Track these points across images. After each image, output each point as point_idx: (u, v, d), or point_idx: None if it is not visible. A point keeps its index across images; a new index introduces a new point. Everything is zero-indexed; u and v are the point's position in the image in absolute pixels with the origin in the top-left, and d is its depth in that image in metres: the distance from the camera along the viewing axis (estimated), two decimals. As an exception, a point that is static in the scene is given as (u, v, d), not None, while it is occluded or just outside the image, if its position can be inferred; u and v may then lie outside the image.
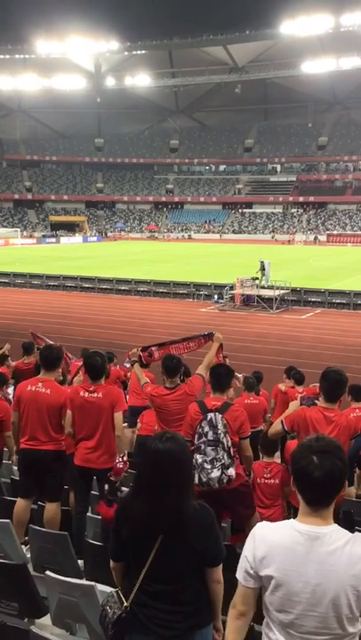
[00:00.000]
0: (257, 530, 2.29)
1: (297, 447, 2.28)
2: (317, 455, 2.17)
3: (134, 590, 2.58)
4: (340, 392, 4.58)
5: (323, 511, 2.20)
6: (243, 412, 4.77)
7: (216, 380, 4.87)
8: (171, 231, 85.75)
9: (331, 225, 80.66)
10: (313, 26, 73.74)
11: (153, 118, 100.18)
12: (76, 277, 33.72)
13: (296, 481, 2.22)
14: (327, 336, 21.36)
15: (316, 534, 2.15)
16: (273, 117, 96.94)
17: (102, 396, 5.18)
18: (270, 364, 14.79)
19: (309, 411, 4.55)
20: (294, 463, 2.23)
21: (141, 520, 2.56)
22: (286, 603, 2.16)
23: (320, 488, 2.17)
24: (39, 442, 5.28)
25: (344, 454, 2.24)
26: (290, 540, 2.17)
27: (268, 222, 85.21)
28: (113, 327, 22.52)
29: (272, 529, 2.26)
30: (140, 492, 2.62)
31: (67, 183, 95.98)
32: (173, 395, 5.45)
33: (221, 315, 26.05)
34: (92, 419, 5.19)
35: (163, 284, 31.20)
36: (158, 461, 2.56)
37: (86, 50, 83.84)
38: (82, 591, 3.50)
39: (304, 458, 2.19)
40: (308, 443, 2.24)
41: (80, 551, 4.46)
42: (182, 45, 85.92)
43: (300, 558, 2.14)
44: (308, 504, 2.21)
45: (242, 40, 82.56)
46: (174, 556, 2.54)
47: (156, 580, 2.55)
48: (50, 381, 5.39)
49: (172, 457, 2.55)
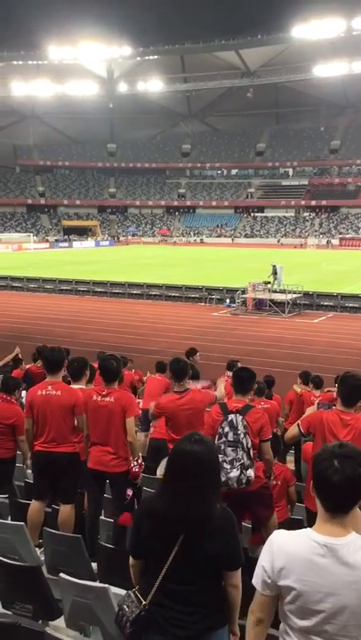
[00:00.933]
0: (274, 539, 2.27)
1: (319, 451, 2.26)
2: (339, 459, 2.15)
3: (153, 589, 2.59)
4: (358, 397, 4.55)
5: (341, 518, 2.17)
6: (264, 415, 4.82)
7: (239, 383, 4.92)
8: (183, 235, 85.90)
9: (343, 229, 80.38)
10: (325, 30, 73.69)
11: (165, 123, 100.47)
12: (89, 282, 33.85)
13: (315, 485, 2.21)
14: (340, 340, 21.28)
15: (334, 545, 2.14)
16: (285, 121, 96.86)
17: (114, 400, 5.19)
18: (283, 369, 14.76)
19: (326, 413, 4.56)
20: (315, 466, 2.21)
21: (164, 520, 2.57)
22: (306, 612, 2.16)
23: (339, 493, 2.15)
24: (54, 444, 5.31)
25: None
26: (309, 551, 2.16)
27: (280, 226, 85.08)
28: (125, 331, 22.58)
29: (290, 539, 2.24)
30: (165, 492, 2.63)
31: (79, 188, 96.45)
32: (183, 399, 5.45)
33: (233, 319, 26.04)
34: (104, 423, 5.20)
35: (175, 288, 31.25)
36: (185, 462, 2.58)
37: (99, 56, 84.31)
38: (95, 593, 3.52)
39: (325, 461, 2.17)
40: (331, 448, 2.23)
41: (93, 554, 4.48)
42: (194, 50, 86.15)
43: (319, 570, 2.13)
44: (326, 510, 2.19)
45: (254, 44, 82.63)
46: (194, 557, 2.54)
47: (174, 580, 2.56)
48: (59, 383, 5.42)
49: (199, 459, 2.57)
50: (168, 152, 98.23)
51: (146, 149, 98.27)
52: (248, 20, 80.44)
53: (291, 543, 2.22)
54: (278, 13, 75.57)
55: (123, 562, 4.32)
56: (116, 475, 5.20)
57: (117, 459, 5.20)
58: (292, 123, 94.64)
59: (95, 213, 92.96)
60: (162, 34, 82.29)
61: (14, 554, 4.47)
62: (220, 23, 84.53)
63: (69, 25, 75.96)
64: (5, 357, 11.09)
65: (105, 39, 79.89)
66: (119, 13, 79.16)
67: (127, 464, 5.21)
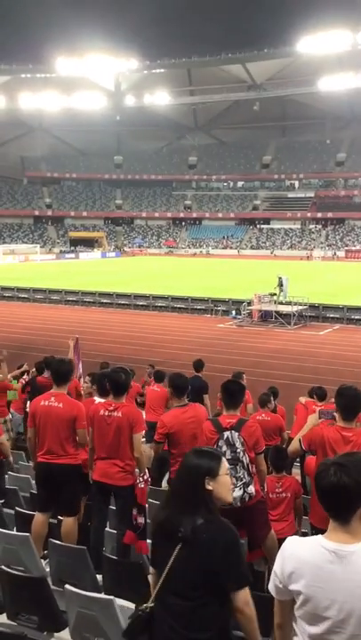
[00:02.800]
0: (286, 545, 2.31)
1: (325, 459, 2.35)
2: (334, 467, 2.21)
3: (152, 598, 2.61)
4: (357, 409, 4.47)
5: (348, 526, 2.20)
6: (258, 428, 4.75)
7: (229, 397, 4.78)
8: (189, 247, 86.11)
9: (349, 241, 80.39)
10: (331, 43, 74.13)
11: (171, 135, 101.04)
12: (95, 293, 33.96)
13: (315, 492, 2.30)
14: (346, 352, 21.24)
15: (343, 552, 2.16)
16: (291, 134, 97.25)
17: (121, 415, 5.18)
18: (288, 380, 14.75)
19: (327, 430, 4.49)
20: (315, 474, 2.30)
21: (165, 529, 2.60)
22: (315, 618, 2.18)
23: (328, 498, 2.21)
24: (54, 456, 5.33)
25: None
26: (318, 558, 2.19)
27: (286, 238, 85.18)
28: (130, 342, 22.61)
29: (301, 545, 2.28)
30: (168, 502, 2.67)
31: (86, 200, 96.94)
32: (187, 413, 5.38)
33: (239, 330, 26.04)
34: (112, 437, 5.21)
35: (180, 299, 31.29)
36: (188, 475, 2.62)
37: (106, 69, 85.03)
38: (100, 605, 3.52)
39: (323, 468, 2.25)
40: (337, 457, 2.34)
41: (98, 566, 4.48)
42: (201, 64, 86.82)
43: (327, 576, 2.15)
44: (330, 517, 2.24)
45: (260, 58, 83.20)
46: (189, 570, 2.51)
47: (172, 592, 2.54)
48: (62, 395, 5.44)
49: (202, 471, 2.59)
50: (174, 164, 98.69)
51: (152, 161, 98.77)
52: (254, 34, 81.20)
53: (301, 549, 2.26)
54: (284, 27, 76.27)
55: (128, 574, 4.34)
56: (122, 488, 5.19)
57: (123, 472, 5.20)
58: (299, 135, 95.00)
59: (101, 225, 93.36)
60: (169, 47, 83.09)
61: (20, 565, 4.48)
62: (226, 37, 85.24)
63: (77, 38, 76.74)
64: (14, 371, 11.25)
65: (112, 52, 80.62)
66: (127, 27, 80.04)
67: (133, 478, 5.20)
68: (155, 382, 9.97)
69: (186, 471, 2.65)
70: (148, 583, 4.26)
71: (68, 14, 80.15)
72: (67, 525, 5.23)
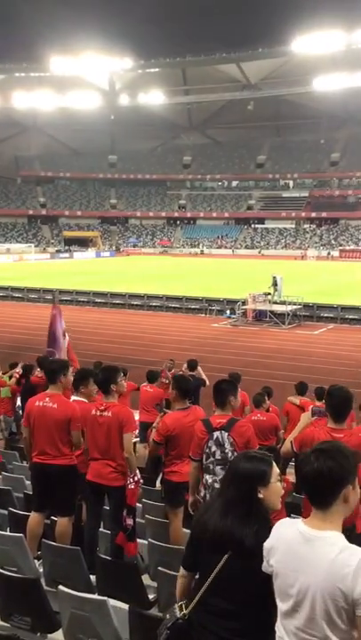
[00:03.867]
0: (277, 523, 2.41)
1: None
2: (315, 453, 2.27)
3: (194, 602, 2.56)
4: (347, 410, 4.43)
5: (325, 513, 2.24)
6: (249, 428, 4.71)
7: (219, 397, 4.76)
8: (183, 246, 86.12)
9: (343, 240, 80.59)
10: (325, 43, 74.25)
11: (166, 135, 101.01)
12: (89, 292, 33.90)
13: None
14: (340, 352, 21.28)
15: (311, 536, 2.22)
16: (285, 134, 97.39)
17: (112, 415, 5.17)
18: (282, 380, 14.75)
19: (318, 432, 4.48)
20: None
21: (213, 534, 2.54)
22: (282, 594, 2.27)
23: (307, 484, 2.28)
24: (48, 456, 5.32)
25: (345, 458, 2.26)
26: (290, 537, 2.27)
27: (280, 238, 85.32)
28: (125, 342, 22.59)
29: (284, 524, 2.38)
30: (223, 511, 2.59)
31: (80, 199, 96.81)
32: (188, 417, 5.37)
33: (234, 330, 26.04)
34: (103, 438, 5.20)
35: (175, 299, 31.27)
36: (241, 481, 2.57)
37: (100, 68, 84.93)
38: (94, 606, 3.51)
39: (306, 455, 2.31)
40: (320, 444, 2.39)
41: (92, 566, 4.47)
42: (195, 63, 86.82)
43: (294, 555, 2.23)
44: (311, 504, 2.30)
45: (255, 58, 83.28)
46: (237, 577, 2.48)
47: (217, 596, 2.50)
48: (57, 396, 5.42)
49: (254, 478, 2.56)
50: (169, 164, 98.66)
51: (147, 161, 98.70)
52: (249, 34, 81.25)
53: (283, 528, 2.35)
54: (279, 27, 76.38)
55: (121, 574, 4.33)
56: (115, 488, 5.17)
57: (116, 472, 5.19)
58: (293, 135, 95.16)
59: (96, 224, 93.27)
60: (163, 46, 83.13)
61: (13, 566, 4.46)
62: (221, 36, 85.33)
63: (71, 37, 76.70)
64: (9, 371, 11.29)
65: (107, 52, 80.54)
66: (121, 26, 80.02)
67: (126, 478, 5.18)
68: (147, 382, 9.96)
69: (239, 478, 2.58)
70: (141, 583, 4.27)
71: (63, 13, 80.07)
72: (61, 526, 5.21)
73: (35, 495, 5.57)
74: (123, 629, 3.50)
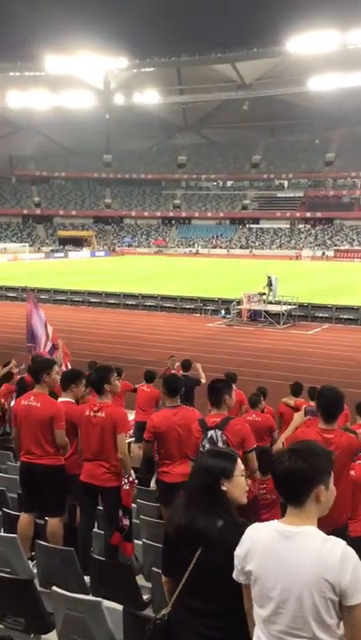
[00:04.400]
0: (247, 529, 2.37)
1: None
2: (288, 453, 2.29)
3: (172, 602, 2.57)
4: (337, 411, 4.43)
5: (299, 511, 2.24)
6: (244, 426, 4.70)
7: (214, 396, 4.76)
8: (178, 246, 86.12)
9: (338, 240, 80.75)
10: (319, 43, 74.41)
11: (161, 134, 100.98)
12: (84, 292, 33.84)
13: None
14: (335, 352, 21.31)
15: (288, 533, 2.21)
16: (280, 134, 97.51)
17: (105, 416, 5.15)
18: (277, 380, 14.75)
19: (308, 433, 4.48)
20: None
21: (183, 533, 2.56)
22: (263, 598, 2.23)
23: (284, 483, 2.28)
24: (34, 456, 5.30)
25: (316, 458, 2.27)
26: (267, 538, 2.25)
27: (275, 238, 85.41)
28: (120, 342, 22.56)
29: (258, 527, 2.35)
30: (185, 504, 2.63)
31: (75, 199, 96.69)
32: (177, 416, 5.40)
33: (228, 330, 26.05)
34: (97, 439, 5.18)
35: (170, 298, 31.26)
36: (204, 476, 2.60)
37: (95, 67, 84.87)
38: (88, 607, 3.50)
39: (278, 456, 2.33)
40: (295, 444, 2.41)
41: (86, 567, 4.45)
42: (190, 63, 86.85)
43: (272, 555, 2.21)
44: (286, 502, 2.31)
45: (249, 57, 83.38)
46: (209, 574, 2.48)
47: (194, 595, 2.51)
48: (41, 395, 5.39)
49: (216, 472, 2.58)
50: (164, 163, 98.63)
51: (142, 160, 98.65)
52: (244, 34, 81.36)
53: (257, 531, 2.33)
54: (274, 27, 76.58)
55: (115, 575, 4.32)
56: (108, 489, 5.16)
57: (109, 473, 5.18)
58: (288, 135, 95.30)
59: (91, 224, 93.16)
60: (158, 46, 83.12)
61: (7, 567, 4.44)
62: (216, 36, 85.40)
63: (66, 36, 76.60)
64: None
65: (102, 51, 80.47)
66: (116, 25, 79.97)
67: (120, 479, 5.17)
68: (145, 382, 9.95)
69: (201, 473, 2.63)
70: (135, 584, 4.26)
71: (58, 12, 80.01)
72: (51, 526, 5.20)
73: (23, 495, 5.55)
74: (117, 630, 3.49)
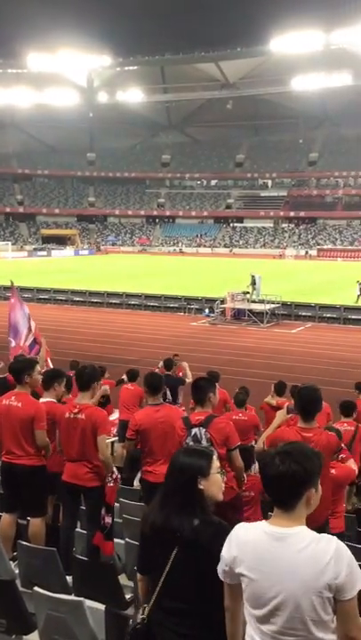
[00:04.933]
0: (234, 530, 2.36)
1: (269, 450, 2.34)
2: (279, 456, 2.26)
3: (150, 605, 2.55)
4: (315, 410, 4.44)
5: (290, 513, 2.23)
6: (228, 424, 4.70)
7: (198, 394, 4.76)
8: (162, 245, 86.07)
9: (321, 240, 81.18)
10: (303, 43, 74.66)
11: (145, 133, 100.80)
12: (67, 291, 33.70)
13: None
14: (318, 350, 21.44)
15: (280, 535, 2.20)
16: (264, 133, 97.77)
17: (85, 417, 5.12)
18: (260, 378, 14.81)
19: (287, 432, 4.51)
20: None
21: (159, 532, 2.54)
22: (257, 600, 2.21)
23: (272, 486, 2.26)
24: (15, 456, 5.28)
25: (309, 461, 2.27)
26: (259, 540, 2.23)
27: (259, 237, 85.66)
28: (104, 340, 22.50)
29: (245, 529, 2.33)
30: (160, 504, 2.61)
31: (58, 197, 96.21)
32: (160, 412, 5.42)
33: (212, 329, 26.10)
34: (78, 440, 5.16)
35: (154, 297, 31.24)
36: (179, 474, 2.57)
37: (79, 65, 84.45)
38: (70, 607, 3.48)
39: (269, 457, 2.30)
40: (283, 446, 2.36)
41: (68, 567, 4.44)
42: (174, 61, 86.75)
43: (266, 558, 2.19)
44: (274, 504, 2.29)
45: (233, 57, 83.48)
46: (187, 573, 2.47)
47: (171, 596, 2.50)
48: (22, 394, 5.36)
49: (192, 471, 2.56)
50: (148, 162, 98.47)
51: (125, 159, 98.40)
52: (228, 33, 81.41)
53: (245, 533, 2.30)
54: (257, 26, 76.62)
55: (98, 575, 4.30)
56: (91, 489, 5.15)
57: (92, 473, 5.16)
58: (271, 134, 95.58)
59: (74, 222, 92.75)
60: (142, 44, 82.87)
61: (-12, 567, 4.42)
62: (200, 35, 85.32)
63: (49, 34, 76.08)
64: None
65: (85, 49, 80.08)
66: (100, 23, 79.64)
67: (102, 479, 5.14)
68: (128, 381, 9.93)
69: (177, 471, 2.60)
70: (118, 584, 4.25)
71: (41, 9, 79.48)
72: (33, 526, 5.17)
73: (5, 496, 5.52)
74: (99, 630, 3.48)
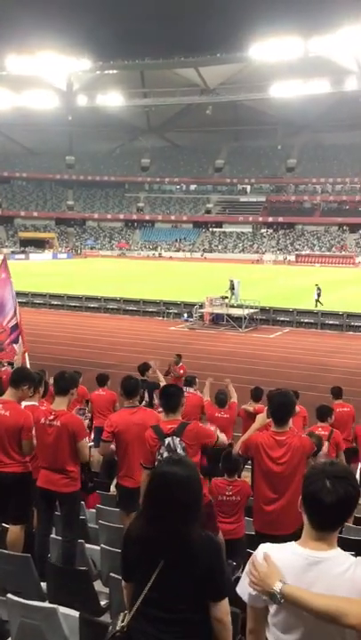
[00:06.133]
0: (259, 550, 2.28)
1: (309, 470, 2.27)
2: (331, 480, 2.15)
3: (132, 613, 2.50)
4: (287, 414, 4.49)
5: (328, 536, 2.18)
6: (200, 427, 4.73)
7: (167, 401, 4.73)
8: (142, 249, 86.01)
9: (299, 245, 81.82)
10: (282, 50, 75.17)
11: (124, 137, 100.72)
12: (45, 294, 33.48)
13: (306, 504, 2.21)
14: (295, 355, 21.56)
15: (318, 559, 2.14)
16: (243, 139, 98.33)
17: (61, 425, 5.11)
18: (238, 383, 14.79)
19: (261, 436, 4.55)
20: (306, 486, 2.21)
21: (144, 543, 2.49)
22: (290, 626, 2.15)
23: (331, 513, 2.16)
24: (1, 464, 5.23)
25: (356, 480, 2.23)
26: (292, 564, 2.16)
27: (238, 242, 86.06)
28: (81, 345, 22.39)
29: (275, 551, 2.24)
30: (144, 515, 2.56)
31: (37, 200, 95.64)
32: (135, 415, 5.42)
33: (190, 333, 26.12)
34: (52, 446, 5.14)
35: (132, 301, 31.18)
36: (163, 485, 2.49)
37: (58, 68, 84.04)
38: (44, 614, 3.45)
39: (317, 482, 2.17)
40: (322, 467, 2.24)
41: (43, 573, 4.40)
42: (154, 66, 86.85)
43: (300, 582, 2.12)
44: (313, 528, 2.20)
45: (213, 62, 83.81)
46: (175, 583, 2.43)
47: (156, 605, 2.45)
48: (10, 403, 5.33)
49: (177, 481, 2.47)
50: (127, 166, 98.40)
51: (105, 162, 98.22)
52: (207, 39, 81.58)
53: (276, 555, 2.21)
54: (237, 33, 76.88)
55: (73, 581, 4.27)
56: (66, 495, 5.13)
57: (67, 479, 5.14)
58: (250, 140, 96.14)
59: (53, 225, 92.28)
60: (122, 49, 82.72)
61: None
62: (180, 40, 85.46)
63: (29, 36, 75.52)
64: None
65: (65, 52, 79.76)
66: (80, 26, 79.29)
67: (77, 484, 5.14)
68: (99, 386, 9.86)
69: (170, 484, 2.47)
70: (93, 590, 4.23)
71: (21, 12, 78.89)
72: (13, 534, 5.13)
73: None
74: (73, 637, 3.45)
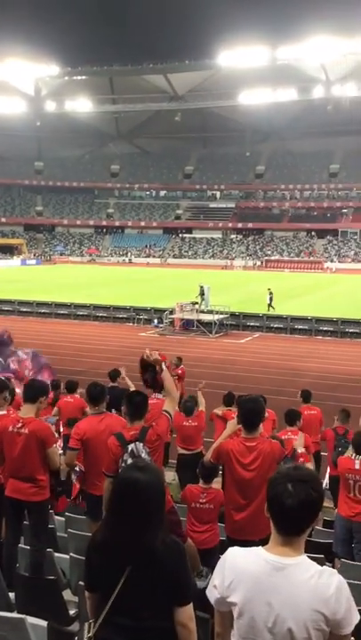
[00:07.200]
0: (227, 556, 2.27)
1: (274, 474, 2.26)
2: (293, 483, 2.15)
3: (98, 623, 2.45)
4: (257, 420, 4.51)
5: (293, 541, 2.18)
6: (158, 429, 4.60)
7: (134, 409, 4.67)
8: (112, 255, 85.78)
9: (269, 251, 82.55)
10: (250, 58, 75.94)
11: (94, 143, 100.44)
12: (14, 301, 33.13)
13: (269, 508, 2.20)
14: (264, 360, 21.72)
15: (282, 565, 2.13)
16: (212, 145, 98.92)
17: (29, 432, 5.06)
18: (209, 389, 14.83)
19: (231, 443, 4.56)
20: (269, 490, 2.20)
21: (108, 550, 2.45)
22: (250, 630, 2.15)
23: (292, 517, 2.15)
24: None
25: (321, 485, 2.24)
26: (256, 569, 2.15)
27: (208, 247, 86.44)
28: (51, 352, 22.12)
29: (241, 555, 2.24)
30: (107, 522, 2.53)
31: (4, 205, 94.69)
32: (103, 422, 5.38)
33: (161, 339, 26.12)
34: (20, 454, 5.09)
35: (102, 308, 31.07)
36: (124, 491, 2.46)
37: (26, 73, 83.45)
38: (12, 625, 3.41)
39: (279, 485, 2.17)
40: (286, 471, 2.23)
41: (11, 583, 4.34)
42: (123, 73, 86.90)
43: (263, 587, 2.12)
44: (278, 532, 2.19)
45: (181, 69, 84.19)
46: (141, 590, 2.40)
47: (123, 614, 2.41)
48: None
49: (138, 487, 2.43)
50: (97, 172, 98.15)
51: (74, 168, 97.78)
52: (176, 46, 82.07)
53: (242, 560, 2.22)
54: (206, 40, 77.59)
55: (41, 591, 4.22)
56: (35, 503, 5.08)
57: (36, 487, 5.10)
58: (219, 147, 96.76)
59: (21, 231, 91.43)
60: (91, 55, 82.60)
61: None
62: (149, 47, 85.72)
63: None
64: None
65: (32, 57, 79.26)
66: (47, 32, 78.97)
67: (45, 493, 5.09)
68: (67, 393, 9.80)
69: (132, 489, 2.44)
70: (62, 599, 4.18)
71: (-13, 16, 78.22)
72: None
73: None
74: (41, 647, 3.41)
